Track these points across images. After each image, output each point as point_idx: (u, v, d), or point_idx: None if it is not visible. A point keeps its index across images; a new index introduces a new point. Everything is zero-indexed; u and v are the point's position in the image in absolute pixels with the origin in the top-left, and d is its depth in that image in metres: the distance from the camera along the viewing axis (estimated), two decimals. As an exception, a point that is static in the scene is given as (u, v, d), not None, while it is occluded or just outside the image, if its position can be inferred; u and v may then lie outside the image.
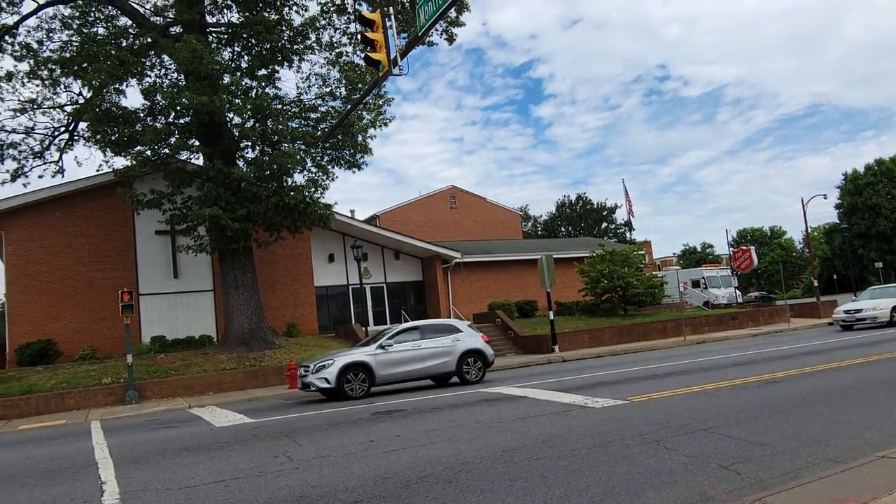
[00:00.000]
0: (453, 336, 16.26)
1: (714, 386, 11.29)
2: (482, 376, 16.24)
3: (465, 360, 16.02)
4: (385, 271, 31.75)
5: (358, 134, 22.37)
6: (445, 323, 17.69)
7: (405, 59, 11.86)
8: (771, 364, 14.16)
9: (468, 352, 16.11)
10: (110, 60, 20.06)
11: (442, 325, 17.11)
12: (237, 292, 22.47)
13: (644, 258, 34.91)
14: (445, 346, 15.94)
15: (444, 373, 15.91)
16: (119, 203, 23.58)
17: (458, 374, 15.93)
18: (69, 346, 22.85)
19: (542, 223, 78.17)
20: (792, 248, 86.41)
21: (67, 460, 9.29)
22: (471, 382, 15.77)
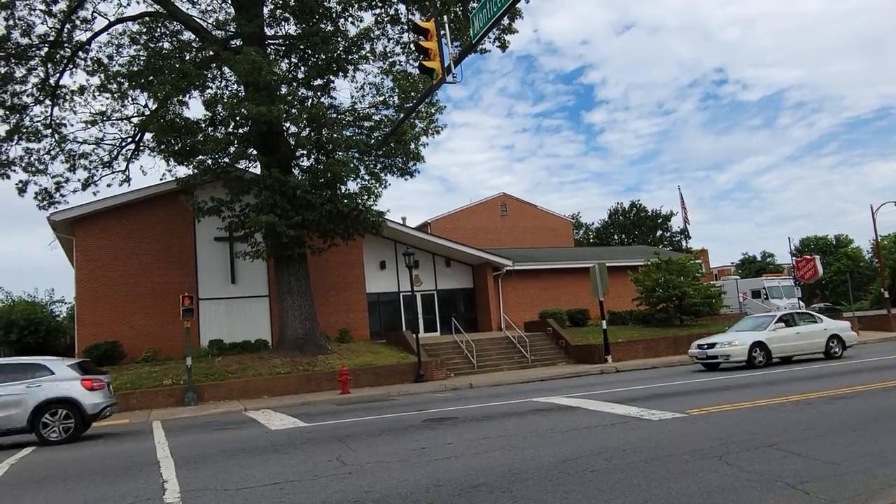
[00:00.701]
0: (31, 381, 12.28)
1: (778, 401, 10.85)
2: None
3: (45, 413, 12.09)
4: (436, 278, 31.83)
5: (410, 142, 22.56)
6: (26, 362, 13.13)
7: (459, 66, 11.89)
8: (839, 379, 13.52)
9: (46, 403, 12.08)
10: (174, 73, 20.84)
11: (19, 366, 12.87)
12: (291, 298, 22.91)
13: (701, 267, 33.92)
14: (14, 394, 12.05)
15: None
16: (180, 210, 24.44)
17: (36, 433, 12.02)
18: (133, 348, 23.72)
19: (594, 231, 77.03)
20: (859, 258, 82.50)
21: (131, 458, 9.62)
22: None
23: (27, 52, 22.71)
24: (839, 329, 19.73)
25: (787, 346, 18.62)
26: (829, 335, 19.21)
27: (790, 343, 18.66)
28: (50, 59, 23.20)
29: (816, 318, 20.17)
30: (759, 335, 18.44)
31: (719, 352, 18.10)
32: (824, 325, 19.64)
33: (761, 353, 17.96)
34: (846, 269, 68.45)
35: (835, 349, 19.10)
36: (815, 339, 19.03)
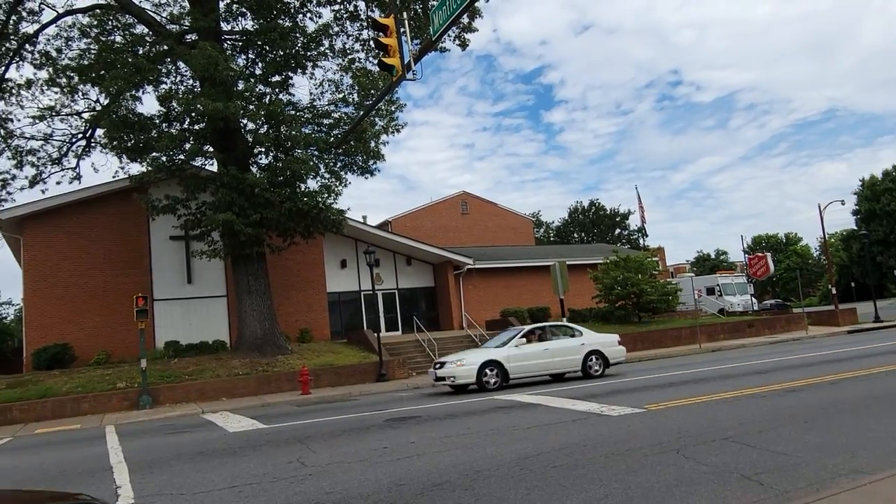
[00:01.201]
0: None
1: (733, 394, 11.12)
2: None
3: None
4: (397, 277, 31.72)
5: (370, 140, 22.41)
6: None
7: (419, 63, 11.84)
8: (791, 372, 13.95)
9: None
10: (127, 68, 20.25)
11: None
12: (250, 298, 22.52)
13: (658, 265, 34.63)
14: None
15: None
16: (134, 209, 23.76)
17: None
18: (85, 350, 22.98)
19: (555, 229, 77.91)
20: (808, 256, 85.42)
21: (83, 465, 9.31)
22: None
23: (-31, 44, 21.76)
24: (602, 344, 17.29)
25: (531, 364, 16.22)
26: (588, 351, 16.85)
27: (535, 361, 16.28)
28: (-6, 52, 22.26)
29: (575, 331, 17.65)
30: (495, 353, 16.18)
31: (446, 373, 15.86)
32: (583, 339, 17.17)
33: (494, 374, 15.66)
34: (796, 267, 70.82)
35: (594, 367, 16.77)
36: (570, 355, 16.74)
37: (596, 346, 17.14)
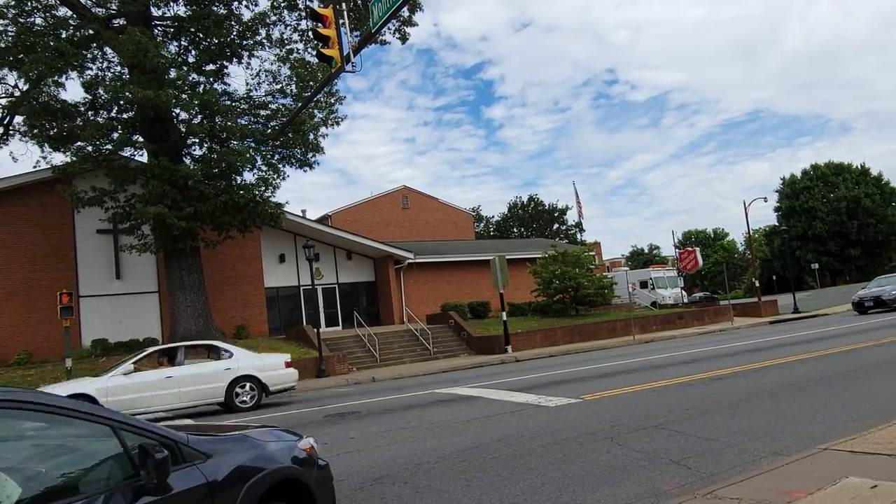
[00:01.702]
0: None
1: (663, 384, 11.54)
2: None
3: None
4: (337, 272, 31.39)
5: (309, 132, 22.06)
6: None
7: (358, 56, 11.72)
8: (717, 361, 14.57)
9: None
10: (49, 52, 19.22)
11: None
12: (183, 293, 21.83)
13: (594, 259, 35.53)
14: None
15: None
16: (58, 201, 22.59)
17: None
18: (3, 350, 21.76)
19: (495, 224, 78.79)
20: (734, 250, 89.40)
21: None
22: None
23: None
24: (259, 368, 14.25)
25: (145, 397, 12.95)
26: (236, 377, 13.83)
27: (151, 393, 13.04)
28: None
29: (222, 352, 14.44)
30: (89, 385, 12.73)
31: None
32: (230, 362, 14.02)
33: None
34: (723, 261, 73.96)
35: (243, 397, 13.83)
36: (207, 383, 13.61)
37: (249, 371, 14.02)
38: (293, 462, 3.67)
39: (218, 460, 3.20)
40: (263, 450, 3.54)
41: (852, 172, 65.04)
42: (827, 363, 12.44)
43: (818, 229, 60.50)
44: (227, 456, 3.27)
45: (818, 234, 60.40)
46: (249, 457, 3.39)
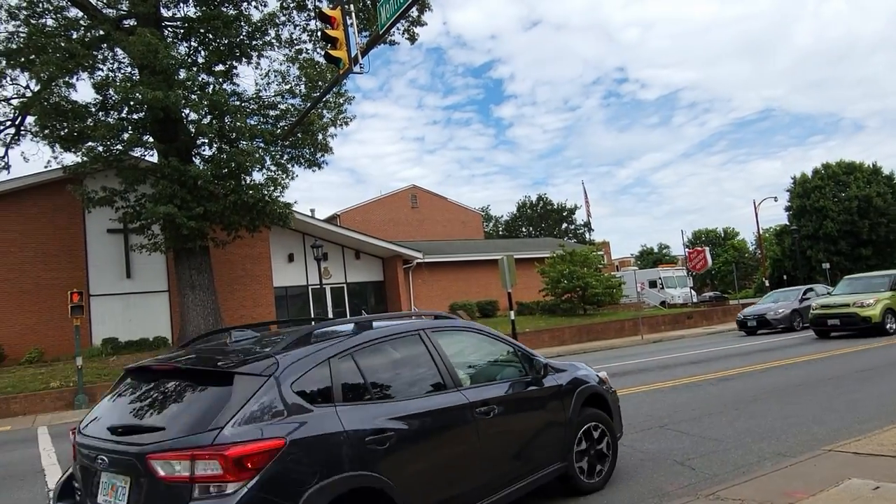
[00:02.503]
0: None
1: (670, 384, 11.52)
2: None
3: None
4: (346, 271, 31.48)
5: (318, 132, 22.11)
6: None
7: (366, 57, 11.74)
8: (724, 362, 14.53)
9: None
10: (60, 53, 19.37)
11: None
12: (193, 293, 21.96)
13: (603, 259, 35.46)
14: None
15: None
16: (69, 201, 22.78)
17: None
18: (15, 348, 21.98)
19: (504, 223, 78.71)
20: (745, 250, 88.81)
21: (13, 468, 8.94)
22: None
23: None
24: None
25: None
26: None
27: None
28: (-88, 33, 20.95)
29: None
30: None
31: None
32: None
33: None
34: (733, 260, 73.57)
35: None
36: None
37: None
38: (598, 383, 5.90)
39: (563, 375, 5.59)
40: (584, 373, 5.86)
41: (864, 171, 64.50)
42: (836, 364, 12.38)
43: (829, 229, 59.98)
44: (567, 373, 5.66)
45: (829, 233, 59.90)
46: (578, 375, 5.75)
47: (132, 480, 3.31)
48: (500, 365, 5.22)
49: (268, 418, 3.35)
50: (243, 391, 3.39)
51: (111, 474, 3.45)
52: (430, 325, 4.79)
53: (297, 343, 3.89)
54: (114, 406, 3.96)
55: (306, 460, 3.36)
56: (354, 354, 4.00)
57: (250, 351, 3.94)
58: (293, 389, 3.54)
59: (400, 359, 4.37)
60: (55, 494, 4.10)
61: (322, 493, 3.30)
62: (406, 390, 4.19)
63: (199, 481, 3.09)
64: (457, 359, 4.70)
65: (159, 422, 3.47)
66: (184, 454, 3.14)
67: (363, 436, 3.63)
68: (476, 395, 4.52)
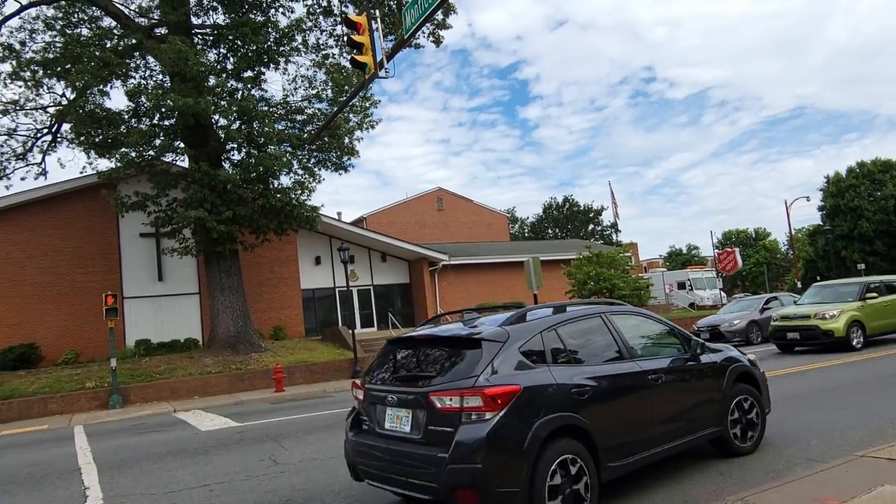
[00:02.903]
0: None
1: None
2: None
3: None
4: (372, 274, 31.69)
5: (344, 136, 22.32)
6: None
7: (391, 61, 11.83)
8: (755, 365, 14.28)
9: None
10: (94, 62, 19.87)
11: None
12: (223, 295, 22.33)
13: (630, 260, 35.10)
14: None
15: None
16: (103, 205, 23.36)
17: None
18: (52, 350, 22.58)
19: (529, 225, 78.41)
20: (776, 250, 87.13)
21: (50, 466, 9.20)
22: None
23: (-72, 36, 21.17)
24: None
25: None
26: None
27: None
28: (-45, 44, 21.69)
29: None
30: None
31: None
32: None
33: None
34: (764, 261, 72.29)
35: None
36: None
37: None
38: (748, 364, 6.70)
39: (718, 354, 6.50)
40: (735, 354, 6.73)
41: (901, 169, 62.86)
42: (873, 367, 12.11)
43: (864, 229, 58.56)
44: (721, 353, 6.55)
45: (864, 233, 58.48)
46: (731, 355, 6.63)
47: (413, 412, 4.84)
48: (663, 343, 6.28)
49: (507, 371, 4.71)
50: (489, 352, 4.77)
51: (396, 408, 5.02)
52: (608, 308, 6.03)
53: (517, 320, 5.24)
54: (389, 366, 5.53)
55: (534, 401, 4.67)
56: (557, 329, 5.32)
57: (485, 325, 5.27)
58: (520, 352, 4.89)
59: (588, 334, 5.59)
60: (348, 426, 5.70)
61: (545, 425, 4.60)
62: (594, 357, 5.42)
63: (465, 410, 4.50)
64: (629, 335, 5.82)
65: (431, 373, 5.01)
66: (455, 392, 4.59)
67: (569, 388, 4.91)
68: (646, 365, 5.67)
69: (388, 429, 5.07)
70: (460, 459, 4.38)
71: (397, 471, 4.84)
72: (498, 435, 4.41)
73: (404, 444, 4.85)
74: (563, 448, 4.67)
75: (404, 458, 4.77)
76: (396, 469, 4.84)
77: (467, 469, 4.35)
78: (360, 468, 5.36)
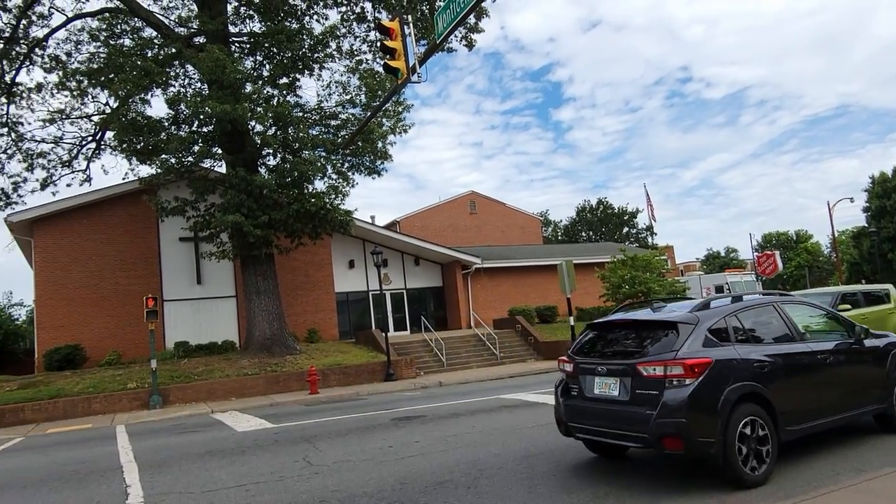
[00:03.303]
0: None
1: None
2: None
3: None
4: (405, 277, 31.83)
5: (378, 140, 22.49)
6: None
7: (423, 66, 11.89)
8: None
9: None
10: (136, 71, 20.44)
11: None
12: (259, 298, 22.69)
13: (666, 263, 34.55)
14: None
15: None
16: (144, 210, 24.00)
17: None
18: (95, 351, 23.24)
19: (563, 228, 77.79)
20: (819, 253, 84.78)
21: (94, 464, 9.46)
22: None
23: (-20, 49, 22.06)
24: None
25: None
26: None
27: None
28: (5, 56, 22.52)
29: None
30: None
31: None
32: None
33: None
34: (806, 264, 70.42)
35: None
36: None
37: None
38: None
39: (881, 339, 7.30)
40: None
41: (951, 169, 60.57)
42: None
43: (912, 230, 56.63)
44: (886, 339, 7.35)
45: (912, 235, 56.55)
46: (894, 341, 7.40)
47: (620, 380, 5.94)
48: (829, 329, 7.19)
49: (698, 347, 5.73)
50: (684, 332, 5.84)
51: (604, 377, 6.14)
52: (779, 298, 6.98)
53: (704, 307, 6.29)
54: (594, 343, 6.76)
55: (723, 371, 5.65)
56: (737, 314, 6.33)
57: (675, 311, 6.36)
58: (709, 332, 5.88)
59: (763, 319, 6.54)
60: (559, 393, 6.77)
61: (734, 391, 5.58)
62: (769, 338, 6.38)
63: (668, 377, 5.57)
64: (799, 321, 6.73)
65: (635, 348, 6.20)
66: (659, 363, 5.68)
67: (751, 362, 5.87)
68: (815, 346, 6.55)
69: (596, 394, 6.20)
70: (667, 415, 5.45)
71: (609, 425, 5.97)
72: (697, 396, 5.43)
73: (613, 404, 5.98)
74: (748, 410, 5.61)
75: (614, 416, 5.91)
76: (608, 424, 5.99)
77: (673, 422, 5.41)
78: (571, 425, 6.49)
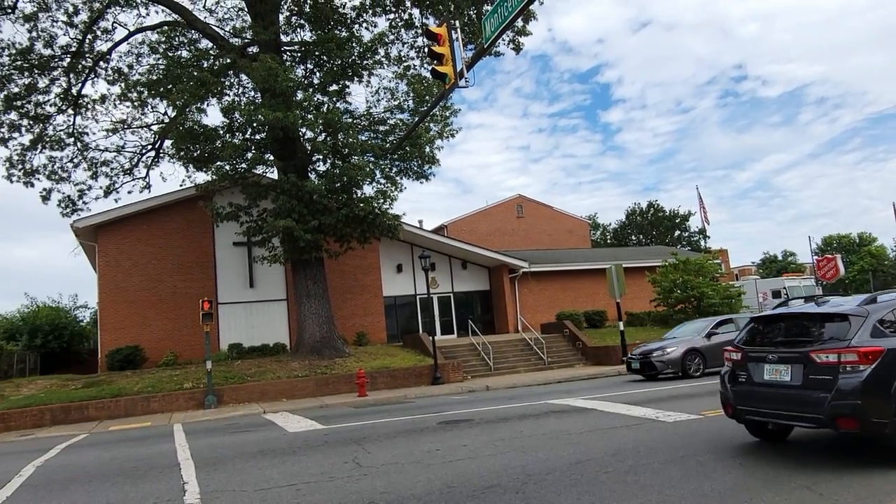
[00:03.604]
0: None
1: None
2: None
3: None
4: (452, 281, 31.92)
5: (425, 145, 22.67)
6: None
7: (471, 70, 11.94)
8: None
9: None
10: (193, 81, 21.17)
11: None
12: (309, 301, 23.12)
13: (720, 267, 33.65)
14: None
15: None
16: (200, 216, 24.80)
17: None
18: (154, 352, 24.10)
19: (612, 231, 76.62)
20: (883, 256, 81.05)
21: (153, 461, 9.81)
22: None
23: (50, 63, 23.25)
24: None
25: None
26: None
27: None
28: (72, 70, 23.69)
29: None
30: None
31: None
32: None
33: None
34: (869, 268, 67.45)
35: None
36: None
37: None
38: None
39: None
40: None
41: None
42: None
43: None
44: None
45: None
46: None
47: (791, 366, 6.49)
48: None
49: (870, 337, 6.18)
50: (856, 323, 6.32)
51: (775, 364, 6.69)
52: None
53: (871, 301, 6.72)
54: (761, 334, 7.37)
55: (894, 359, 6.02)
56: None
57: (843, 305, 6.87)
58: (877, 323, 6.32)
59: None
60: (726, 379, 7.35)
61: None
62: None
63: (843, 364, 6.05)
64: None
65: (806, 338, 6.74)
66: (833, 351, 6.18)
67: None
68: None
69: (766, 380, 6.73)
70: (842, 398, 5.94)
71: (781, 408, 6.51)
72: (871, 381, 5.90)
73: (784, 389, 6.50)
74: None
75: (786, 399, 6.43)
76: (779, 406, 6.52)
77: (849, 404, 5.90)
78: (739, 408, 7.05)
